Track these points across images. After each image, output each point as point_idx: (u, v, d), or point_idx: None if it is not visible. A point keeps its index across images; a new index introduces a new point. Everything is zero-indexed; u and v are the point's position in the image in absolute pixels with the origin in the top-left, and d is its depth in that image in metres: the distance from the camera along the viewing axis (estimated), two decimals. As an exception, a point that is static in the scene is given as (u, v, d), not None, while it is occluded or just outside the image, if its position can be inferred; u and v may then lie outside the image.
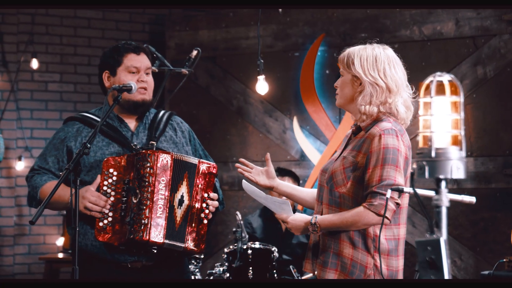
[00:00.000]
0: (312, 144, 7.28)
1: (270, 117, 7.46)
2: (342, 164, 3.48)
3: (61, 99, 7.90)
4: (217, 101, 7.63)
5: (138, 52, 3.87)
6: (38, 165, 3.86)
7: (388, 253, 3.46)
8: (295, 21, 7.38)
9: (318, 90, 7.26)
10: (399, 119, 3.51)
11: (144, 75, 3.86)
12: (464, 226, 6.64)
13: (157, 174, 3.62)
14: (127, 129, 3.88)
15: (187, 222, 3.69)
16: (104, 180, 3.68)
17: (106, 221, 3.67)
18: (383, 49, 3.58)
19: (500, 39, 6.61)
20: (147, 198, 3.61)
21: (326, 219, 3.46)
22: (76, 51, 7.99)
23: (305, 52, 7.31)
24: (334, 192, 3.49)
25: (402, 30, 7.00)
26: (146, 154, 3.64)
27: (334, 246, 3.48)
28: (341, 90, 3.58)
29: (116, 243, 3.66)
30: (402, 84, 3.51)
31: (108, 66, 3.89)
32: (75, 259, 3.39)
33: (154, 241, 3.59)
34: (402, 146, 3.42)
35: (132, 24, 8.14)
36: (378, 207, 3.35)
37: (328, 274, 3.47)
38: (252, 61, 7.54)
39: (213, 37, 7.70)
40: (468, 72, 6.70)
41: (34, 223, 3.29)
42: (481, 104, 6.69)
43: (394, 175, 3.36)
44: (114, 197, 3.68)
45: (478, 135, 6.68)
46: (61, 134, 3.88)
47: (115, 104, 3.70)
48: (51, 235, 7.75)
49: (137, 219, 3.61)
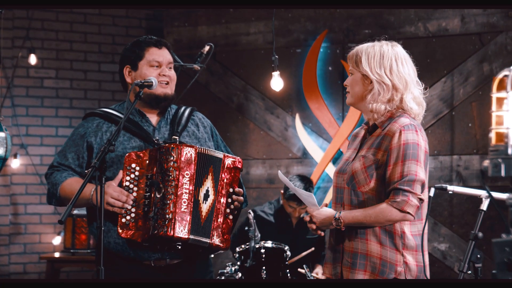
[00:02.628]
0: (314, 141, 7.20)
1: (272, 114, 7.37)
2: (363, 163, 3.45)
3: (57, 96, 7.76)
4: (217, 98, 7.52)
5: (160, 46, 3.82)
6: (57, 162, 3.77)
7: (416, 248, 3.44)
8: (297, 17, 7.29)
9: (321, 87, 7.18)
10: (413, 115, 3.51)
11: (166, 69, 3.80)
12: (471, 224, 6.58)
13: (181, 168, 3.54)
14: (149, 124, 3.81)
15: (212, 217, 3.61)
16: (126, 175, 3.59)
17: (129, 217, 3.58)
18: (391, 46, 3.56)
19: (506, 35, 6.56)
20: (171, 192, 3.52)
21: (350, 215, 3.41)
22: (72, 47, 7.85)
23: (308, 48, 7.22)
24: (357, 192, 3.46)
25: (406, 26, 6.93)
26: (169, 148, 3.56)
27: (361, 246, 3.43)
28: (352, 88, 3.57)
29: (140, 239, 3.57)
30: (412, 80, 3.51)
31: (129, 61, 3.82)
32: (100, 259, 3.30)
33: (178, 237, 3.50)
34: (422, 140, 3.42)
35: (129, 20, 8.02)
36: (401, 203, 3.34)
37: (357, 276, 3.42)
38: (253, 57, 7.46)
39: (212, 33, 7.59)
40: (474, 69, 6.64)
41: (64, 222, 3.19)
42: (487, 102, 6.63)
43: (416, 170, 3.35)
44: (136, 193, 3.60)
45: (484, 132, 6.62)
46: (81, 130, 3.79)
47: (137, 100, 3.61)
48: (47, 234, 7.61)
49: (161, 214, 3.52)
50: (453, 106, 6.69)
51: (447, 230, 6.63)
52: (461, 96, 6.67)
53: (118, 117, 3.77)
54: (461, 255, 6.62)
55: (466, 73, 6.64)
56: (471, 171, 6.56)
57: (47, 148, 7.66)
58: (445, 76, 6.71)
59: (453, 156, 6.65)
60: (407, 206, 3.33)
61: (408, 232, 3.41)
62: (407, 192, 3.33)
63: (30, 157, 7.60)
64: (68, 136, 3.85)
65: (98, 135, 3.74)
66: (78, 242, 6.91)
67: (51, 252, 7.46)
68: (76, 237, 6.91)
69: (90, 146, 3.73)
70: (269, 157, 7.33)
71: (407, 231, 3.41)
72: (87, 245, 6.93)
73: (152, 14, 8.07)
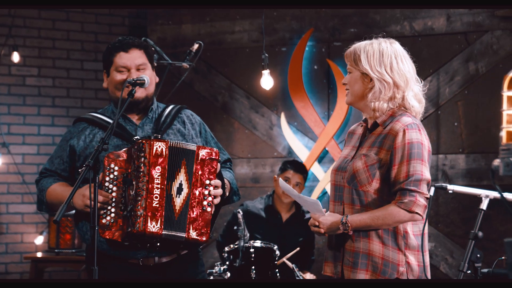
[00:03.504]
0: (300, 140, 7.18)
1: (257, 113, 7.33)
2: (365, 162, 3.43)
3: (39, 94, 7.67)
4: (201, 96, 7.48)
5: (127, 50, 3.76)
6: (45, 168, 3.83)
7: (418, 248, 3.44)
8: (283, 15, 7.26)
9: (307, 85, 7.15)
10: (414, 113, 3.51)
11: (135, 72, 3.74)
12: (456, 223, 6.59)
13: (151, 163, 3.51)
14: (132, 123, 3.80)
15: (187, 211, 3.57)
16: (105, 175, 3.58)
17: (109, 217, 3.57)
18: (390, 43, 3.57)
19: (492, 35, 6.57)
20: (143, 188, 3.50)
21: (357, 218, 3.40)
22: (54, 45, 7.77)
23: (293, 47, 7.20)
24: (359, 192, 3.44)
25: (392, 25, 6.93)
26: (140, 144, 3.54)
27: (363, 246, 3.42)
28: (351, 87, 3.55)
29: (120, 239, 3.57)
30: (412, 77, 3.51)
31: (104, 67, 3.84)
32: (93, 259, 3.29)
33: (151, 232, 3.48)
34: (425, 139, 3.43)
35: (112, 18, 7.95)
36: (408, 204, 3.34)
37: (358, 275, 3.41)
38: (238, 56, 7.43)
39: (197, 31, 7.54)
40: (459, 68, 6.65)
41: (58, 222, 3.16)
42: (473, 101, 6.64)
43: (421, 170, 3.36)
44: (116, 192, 3.59)
45: (470, 131, 6.63)
46: (67, 135, 3.85)
47: (129, 98, 3.61)
48: (29, 234, 7.53)
49: (134, 211, 3.51)
50: (439, 105, 6.69)
51: (432, 229, 6.63)
52: (447, 95, 6.67)
53: (102, 120, 3.78)
54: (446, 254, 6.63)
55: (452, 72, 6.64)
56: (456, 170, 6.56)
57: (29, 147, 7.58)
58: (431, 75, 6.71)
59: (439, 155, 6.65)
60: (415, 206, 3.33)
61: (410, 231, 3.42)
62: (414, 192, 3.33)
63: (12, 156, 7.52)
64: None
65: (81, 138, 3.75)
66: (63, 242, 6.85)
67: (33, 252, 7.39)
68: (61, 236, 6.85)
69: (72, 149, 3.75)
70: (254, 156, 7.30)
71: (409, 231, 3.41)
72: (71, 245, 6.87)
73: (135, 12, 8.01)
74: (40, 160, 7.55)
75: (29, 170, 7.54)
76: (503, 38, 6.54)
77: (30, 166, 7.55)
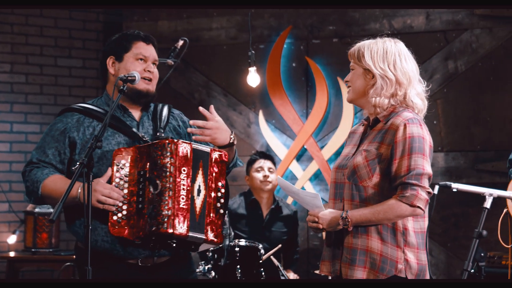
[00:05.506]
0: (278, 138, 7.14)
1: (234, 111, 7.28)
2: (365, 157, 3.41)
3: (11, 91, 7.53)
4: (178, 94, 7.41)
5: (147, 42, 3.78)
6: (37, 158, 3.63)
7: (417, 246, 3.42)
8: (261, 12, 7.21)
9: (285, 83, 7.12)
10: (417, 110, 3.50)
11: (152, 65, 3.75)
12: (435, 221, 6.60)
13: (178, 164, 3.45)
14: (131, 118, 3.73)
15: (205, 213, 3.52)
16: (115, 171, 3.50)
17: (120, 215, 3.48)
18: (394, 42, 3.59)
19: (471, 33, 6.59)
20: (169, 188, 3.43)
21: (357, 213, 3.36)
22: (27, 41, 7.63)
23: (271, 44, 7.16)
24: (359, 187, 3.41)
25: (371, 23, 6.92)
26: (165, 144, 3.47)
27: (362, 242, 3.38)
28: (353, 83, 3.55)
29: (132, 237, 3.48)
30: (415, 77, 3.52)
31: (114, 52, 3.74)
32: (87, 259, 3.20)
33: (179, 233, 3.41)
34: (427, 134, 3.42)
35: (86, 14, 7.83)
36: (410, 198, 3.31)
37: (356, 272, 3.37)
38: (215, 53, 7.37)
39: (174, 28, 7.47)
40: (439, 67, 6.66)
41: (54, 221, 3.07)
42: (452, 99, 6.66)
43: (422, 164, 3.34)
44: (127, 189, 3.50)
45: (449, 130, 6.65)
46: (60, 126, 3.67)
47: (121, 94, 3.55)
48: (2, 233, 7.38)
49: (159, 211, 3.42)
50: (418, 103, 6.69)
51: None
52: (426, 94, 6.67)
53: (99, 112, 3.69)
54: (425, 252, 6.62)
55: (431, 71, 6.65)
56: (435, 168, 6.56)
57: (2, 144, 7.43)
58: (410, 73, 6.71)
59: (418, 153, 6.65)
60: (417, 200, 3.30)
61: (411, 228, 3.39)
62: (416, 186, 3.31)
63: (-16, 153, 7.39)
64: (45, 132, 3.72)
65: (81, 130, 3.64)
66: (40, 241, 6.72)
67: (6, 252, 7.25)
68: (38, 235, 6.72)
69: (73, 141, 3.62)
70: (231, 154, 7.24)
71: (409, 228, 3.38)
72: (48, 244, 6.75)
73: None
74: (13, 158, 7.42)
75: (2, 168, 7.40)
76: (482, 37, 6.57)
77: (2, 164, 7.41)
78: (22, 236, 7.12)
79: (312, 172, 7.00)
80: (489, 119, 6.58)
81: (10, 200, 7.31)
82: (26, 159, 7.40)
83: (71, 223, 3.64)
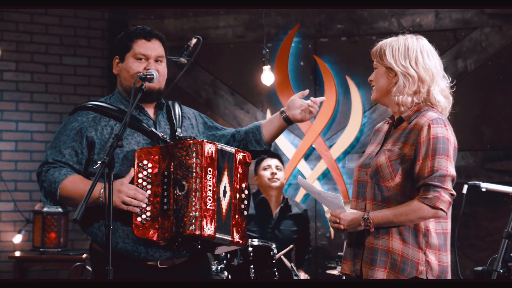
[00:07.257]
0: (286, 137, 7.10)
1: (241, 110, 7.24)
2: (389, 157, 3.38)
3: (17, 89, 7.48)
4: (184, 92, 7.37)
5: (149, 38, 3.70)
6: (53, 158, 3.57)
7: (439, 248, 3.39)
8: (268, 11, 7.17)
9: (293, 82, 7.08)
10: (440, 108, 3.46)
11: (153, 63, 3.66)
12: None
13: (204, 165, 3.42)
14: (148, 117, 3.69)
15: (231, 214, 3.51)
16: (139, 172, 3.45)
17: (144, 216, 3.44)
18: (416, 38, 3.56)
19: (481, 32, 6.56)
20: (196, 189, 3.39)
21: (379, 214, 3.33)
22: (32, 39, 7.58)
23: (279, 43, 7.12)
24: (381, 187, 3.38)
25: (380, 22, 6.89)
26: (190, 144, 3.43)
27: (383, 243, 3.35)
28: (377, 82, 3.52)
29: (157, 238, 3.44)
30: (438, 73, 3.48)
31: (118, 51, 3.71)
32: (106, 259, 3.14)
33: (207, 235, 3.38)
34: (451, 135, 3.38)
35: (91, 12, 7.78)
36: (432, 199, 3.28)
37: (376, 273, 3.34)
38: (222, 52, 7.32)
39: (180, 26, 7.43)
40: (448, 65, 6.63)
41: (79, 221, 3.03)
42: (461, 98, 6.55)
43: (446, 165, 3.30)
44: (151, 190, 3.46)
45: (459, 129, 6.55)
46: (75, 125, 3.61)
47: (140, 94, 3.51)
48: (7, 232, 7.34)
49: (186, 212, 3.38)
50: (427, 102, 6.66)
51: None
52: (435, 93, 6.65)
53: (113, 110, 3.64)
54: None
55: (440, 69, 6.61)
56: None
57: (7, 143, 7.39)
58: (419, 72, 6.68)
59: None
60: (439, 202, 3.27)
61: (432, 230, 3.36)
62: (439, 187, 3.27)
63: (-10, 153, 7.34)
64: (58, 131, 3.65)
65: (98, 129, 3.59)
66: (48, 241, 6.68)
67: (12, 251, 7.20)
68: (46, 235, 6.67)
69: (91, 141, 3.56)
70: (238, 153, 7.20)
71: (431, 229, 3.35)
72: (57, 244, 6.70)
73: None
74: (18, 157, 7.38)
75: (7, 167, 7.35)
76: (492, 35, 6.54)
77: (7, 163, 7.36)
78: (28, 236, 7.08)
79: (320, 172, 6.96)
80: (499, 118, 6.55)
81: (16, 200, 7.26)
82: (31, 158, 7.37)
83: (89, 224, 3.58)
